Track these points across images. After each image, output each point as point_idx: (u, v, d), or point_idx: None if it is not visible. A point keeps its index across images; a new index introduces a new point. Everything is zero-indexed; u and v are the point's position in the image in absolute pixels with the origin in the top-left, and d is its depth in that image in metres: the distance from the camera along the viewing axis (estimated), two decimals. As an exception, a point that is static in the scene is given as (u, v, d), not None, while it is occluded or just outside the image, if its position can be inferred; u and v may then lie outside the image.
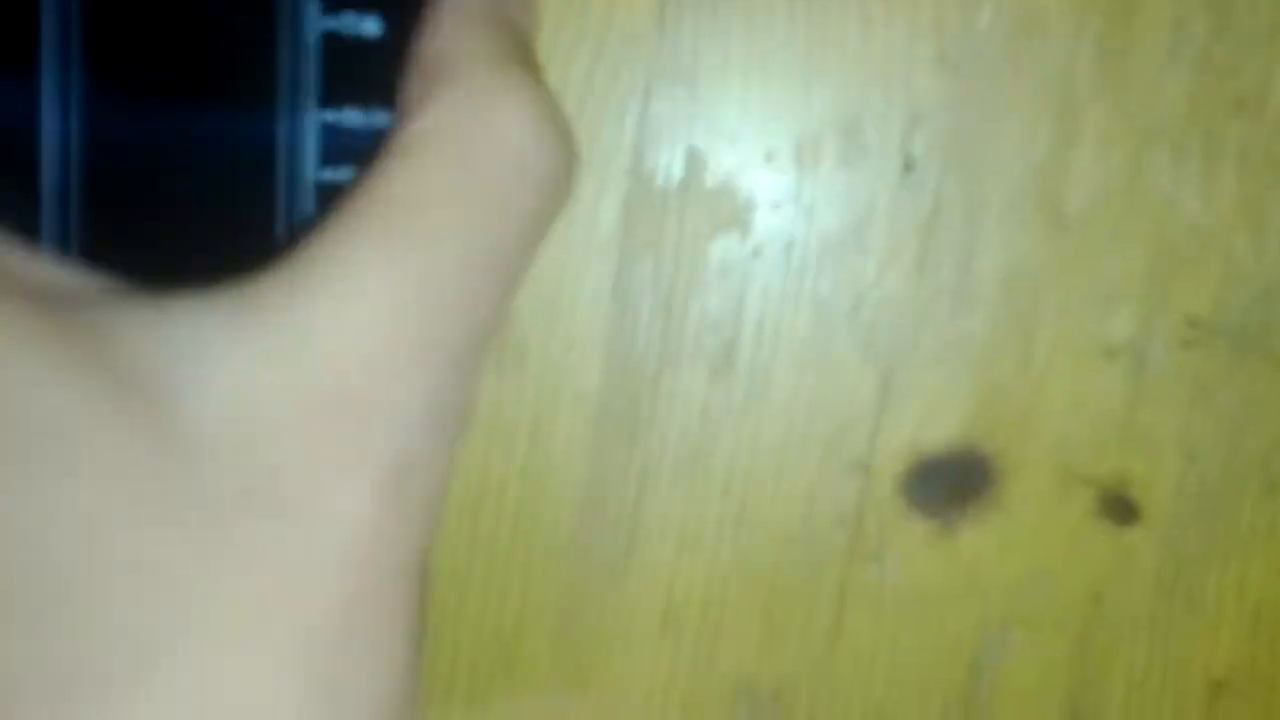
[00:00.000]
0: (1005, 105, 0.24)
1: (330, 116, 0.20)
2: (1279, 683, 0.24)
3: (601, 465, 0.24)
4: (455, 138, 0.16)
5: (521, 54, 0.18)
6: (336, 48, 0.20)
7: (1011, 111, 0.24)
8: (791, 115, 0.24)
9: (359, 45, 0.20)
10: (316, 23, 0.20)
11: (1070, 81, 0.24)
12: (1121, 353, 0.24)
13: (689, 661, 0.24)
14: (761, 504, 0.24)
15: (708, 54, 0.23)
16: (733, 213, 0.24)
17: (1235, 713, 0.24)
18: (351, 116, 0.20)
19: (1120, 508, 0.24)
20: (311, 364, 0.15)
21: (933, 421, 0.24)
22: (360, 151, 0.20)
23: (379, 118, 0.20)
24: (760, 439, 0.24)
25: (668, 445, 0.24)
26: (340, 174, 0.20)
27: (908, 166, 0.24)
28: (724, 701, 0.24)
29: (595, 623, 0.24)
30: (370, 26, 0.20)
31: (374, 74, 0.20)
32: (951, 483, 0.24)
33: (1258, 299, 0.23)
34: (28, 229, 0.20)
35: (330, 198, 0.20)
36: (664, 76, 0.23)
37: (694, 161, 0.24)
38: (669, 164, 0.23)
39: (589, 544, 0.24)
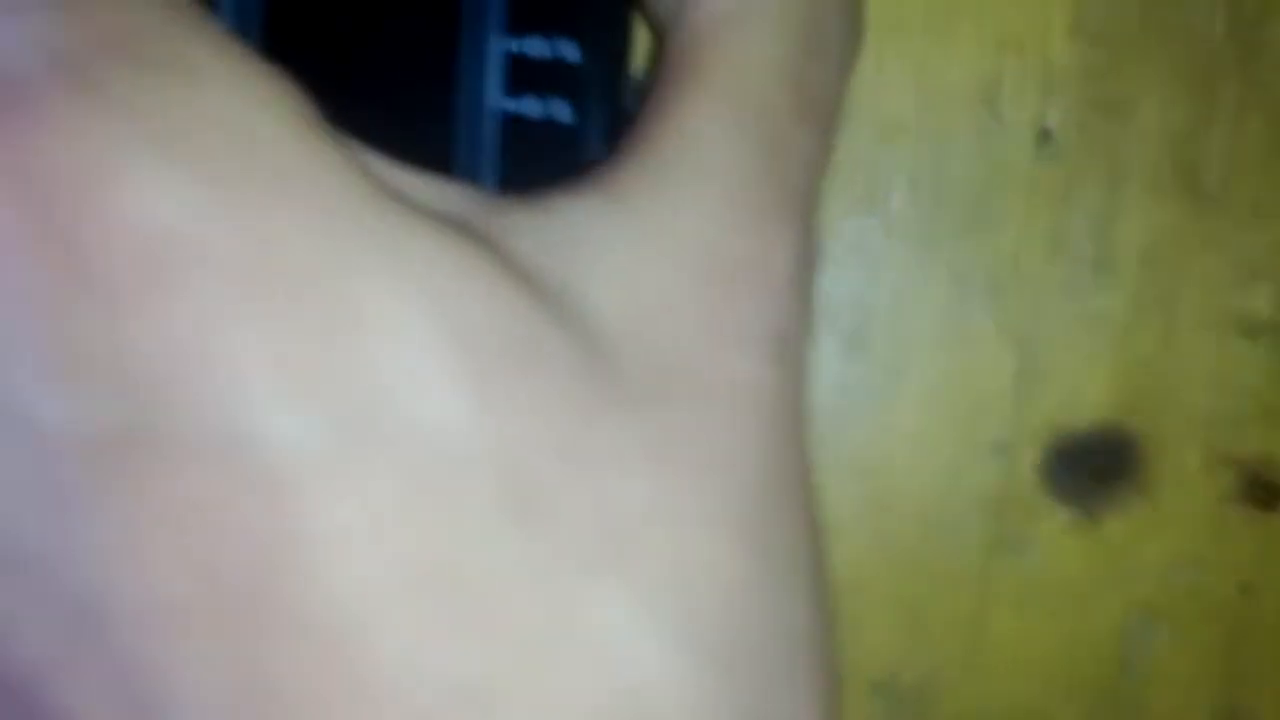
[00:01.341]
0: (1142, 75, 0.24)
1: (514, 45, 0.21)
2: None
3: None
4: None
5: None
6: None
7: (1148, 82, 0.24)
8: (924, 87, 0.24)
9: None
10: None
11: (1208, 51, 0.24)
12: (1264, 330, 0.24)
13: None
14: (900, 486, 0.24)
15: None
16: (865, 187, 0.24)
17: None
18: (535, 45, 0.21)
19: (1263, 491, 0.24)
20: (687, 243, 0.16)
21: (1074, 400, 0.24)
22: (543, 81, 0.21)
23: (562, 46, 0.21)
24: (897, 418, 0.24)
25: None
26: (522, 105, 0.21)
27: (1043, 138, 0.24)
28: (861, 694, 0.24)
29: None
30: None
31: (559, 4, 0.21)
32: (1093, 465, 0.24)
33: None
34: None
35: (512, 126, 0.20)
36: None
37: (824, 134, 0.23)
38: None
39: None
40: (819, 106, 0.18)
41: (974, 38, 0.24)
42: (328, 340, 0.14)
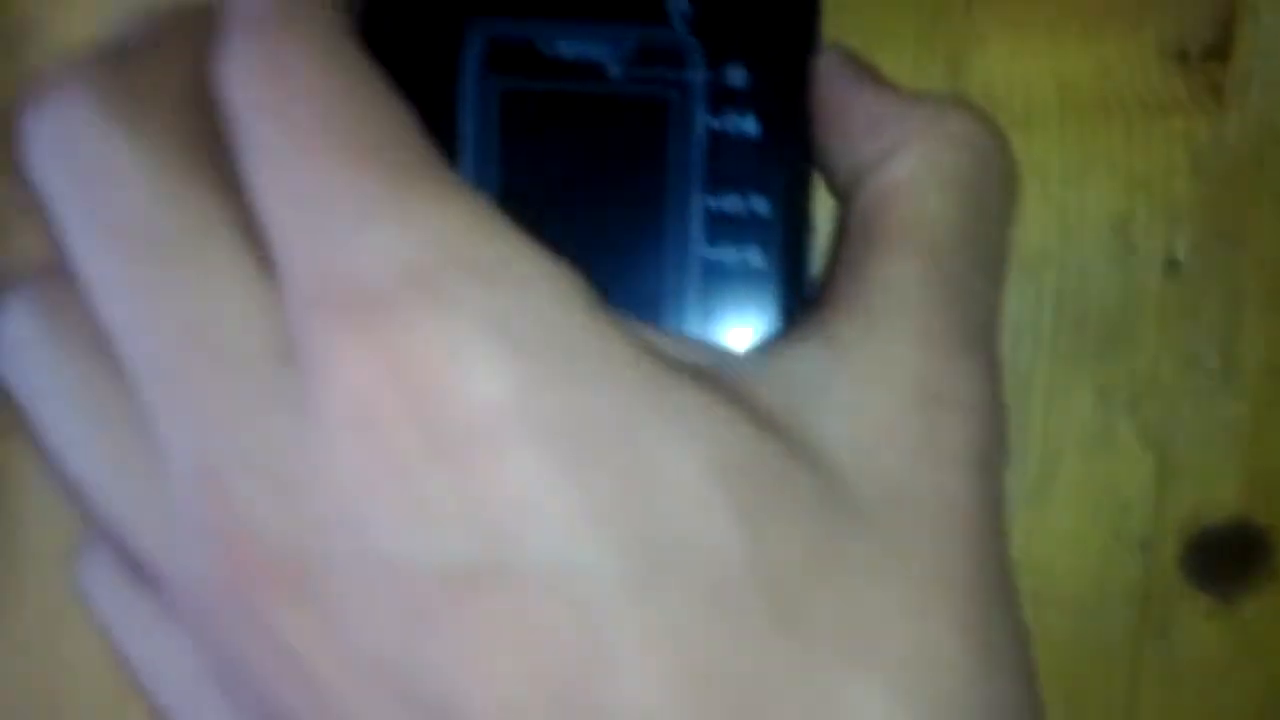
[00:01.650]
0: (1255, 208, 0.27)
1: (712, 202, 0.24)
2: None
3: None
4: (933, 166, 0.20)
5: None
6: (720, 143, 0.24)
7: (1260, 213, 0.27)
8: (1065, 223, 0.27)
9: (739, 141, 0.24)
10: (703, 123, 0.24)
11: (1314, 186, 0.27)
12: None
13: None
14: (1055, 580, 0.27)
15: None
16: (1017, 312, 0.27)
17: None
18: (731, 201, 0.24)
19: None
20: (898, 379, 0.19)
21: (1208, 498, 0.27)
22: (738, 233, 0.24)
23: (755, 202, 0.24)
24: (1051, 518, 0.27)
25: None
26: (721, 253, 0.24)
27: (1171, 265, 0.27)
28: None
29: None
30: (749, 126, 0.24)
31: (752, 166, 0.24)
32: (1229, 557, 0.27)
33: None
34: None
35: (712, 271, 0.23)
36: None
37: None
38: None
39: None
40: (992, 255, 0.21)
41: (1108, 179, 0.27)
42: (628, 485, 0.17)
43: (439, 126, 0.24)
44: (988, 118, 0.21)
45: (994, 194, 0.22)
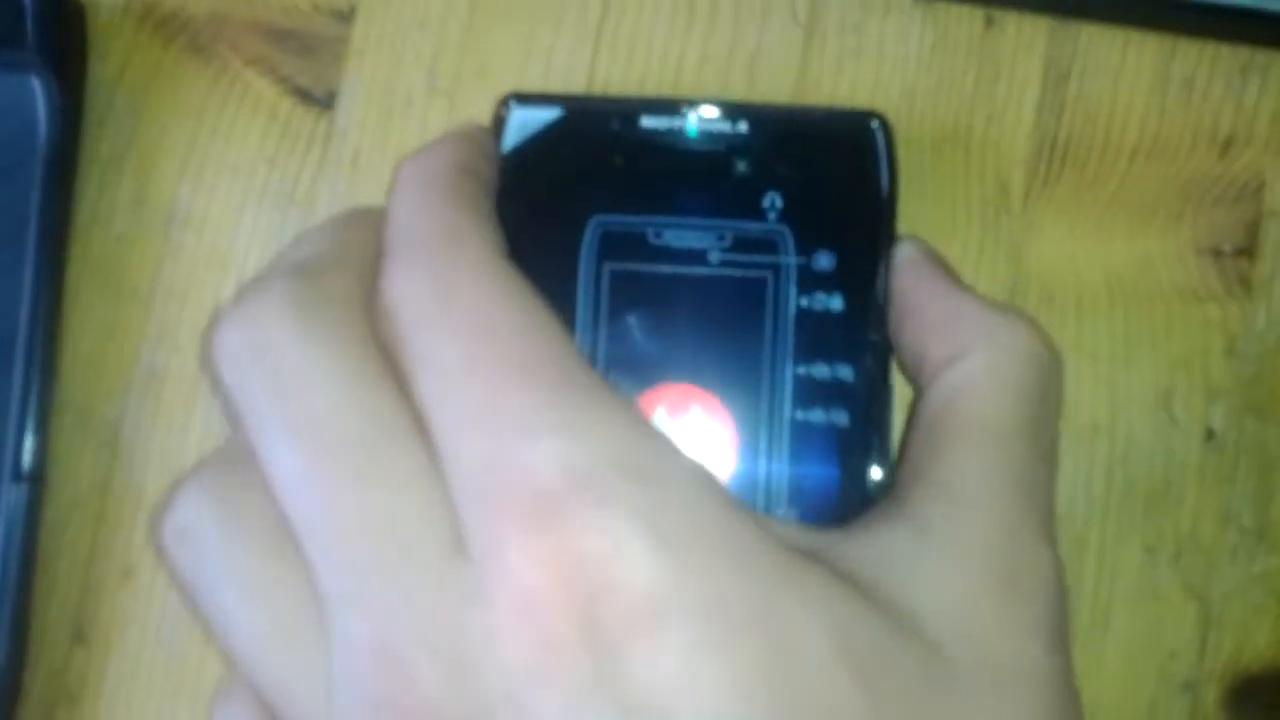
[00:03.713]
0: (1283, 386, 0.31)
1: (802, 370, 0.28)
2: None
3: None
4: (1000, 373, 0.24)
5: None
6: (809, 319, 0.28)
7: (1289, 390, 0.31)
8: (1114, 397, 0.31)
9: (826, 316, 0.29)
10: (794, 301, 0.29)
11: (1335, 366, 0.31)
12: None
13: None
14: (1106, 719, 0.30)
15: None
16: (1070, 477, 0.31)
17: None
18: (819, 369, 0.28)
19: None
20: (979, 558, 0.22)
21: (1246, 646, 0.31)
22: (826, 397, 0.28)
23: (840, 369, 0.28)
24: (1104, 664, 0.31)
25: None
26: (810, 415, 0.28)
27: (1209, 435, 0.31)
28: None
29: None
30: (835, 303, 0.29)
31: (837, 339, 0.28)
32: (1265, 699, 0.30)
33: None
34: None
35: (804, 433, 0.27)
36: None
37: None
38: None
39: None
40: (1050, 446, 0.25)
41: (1151, 359, 0.31)
42: (770, 659, 0.20)
43: (558, 303, 0.29)
44: (1042, 331, 0.25)
45: (1049, 396, 0.25)
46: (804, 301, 0.30)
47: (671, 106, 0.30)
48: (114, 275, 0.31)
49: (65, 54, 0.31)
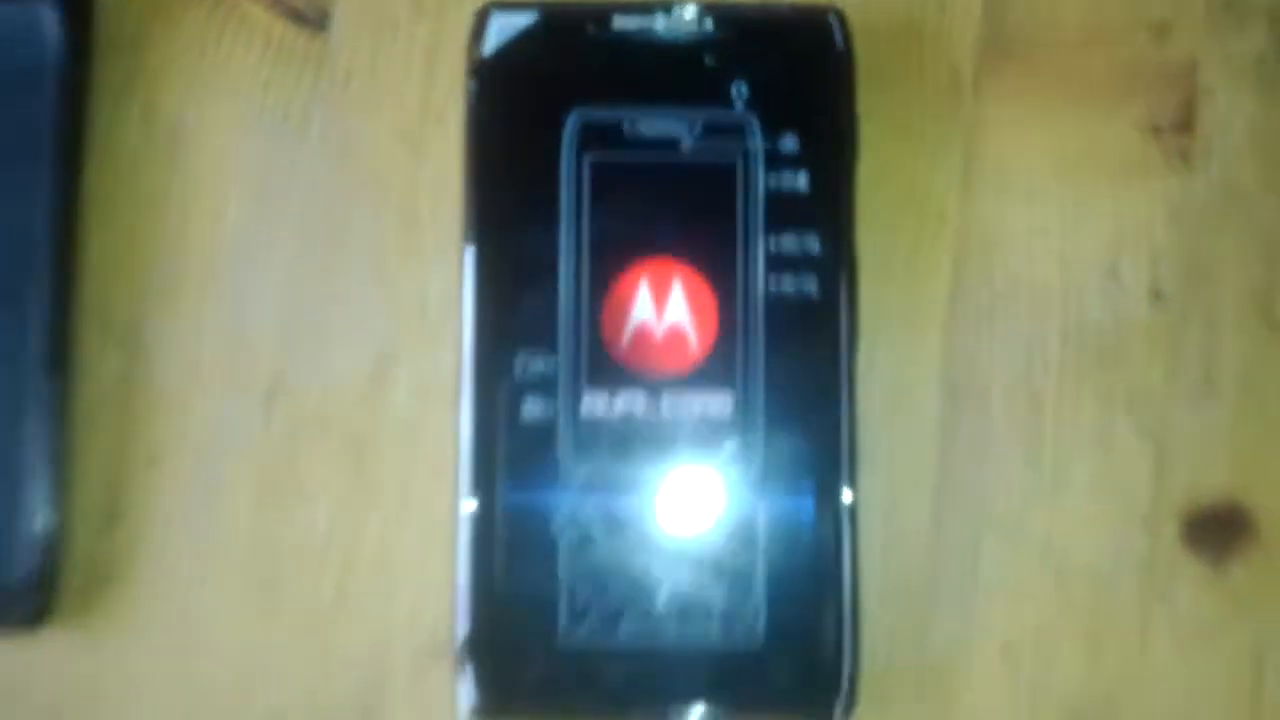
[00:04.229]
0: (1220, 246, 0.34)
1: (773, 244, 0.31)
2: None
3: (927, 535, 0.33)
4: None
5: None
6: (777, 198, 0.31)
7: (1225, 250, 0.34)
8: (1063, 265, 0.34)
9: (794, 195, 0.31)
10: (763, 181, 0.31)
11: (1267, 226, 0.34)
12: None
13: (1026, 686, 0.33)
14: (1075, 557, 0.33)
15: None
16: (1026, 340, 0.34)
17: None
18: (789, 243, 0.31)
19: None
20: None
21: (1199, 484, 0.33)
22: (795, 267, 0.31)
23: (809, 243, 0.30)
24: (1069, 508, 0.33)
25: (995, 517, 0.33)
26: (782, 285, 0.31)
27: (1156, 296, 0.34)
28: (1054, 713, 0.32)
29: (946, 656, 0.33)
30: (802, 182, 0.31)
31: (804, 215, 0.31)
32: (1220, 530, 0.33)
33: None
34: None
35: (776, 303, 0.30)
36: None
37: (995, 299, 0.33)
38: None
39: (920, 601, 0.33)
40: None
41: (1098, 231, 0.34)
42: None
43: (542, 194, 0.32)
44: None
45: None
46: (772, 181, 0.32)
47: (641, 7, 0.33)
48: (127, 189, 0.34)
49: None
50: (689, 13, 0.33)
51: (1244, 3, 0.35)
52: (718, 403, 0.32)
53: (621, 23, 0.33)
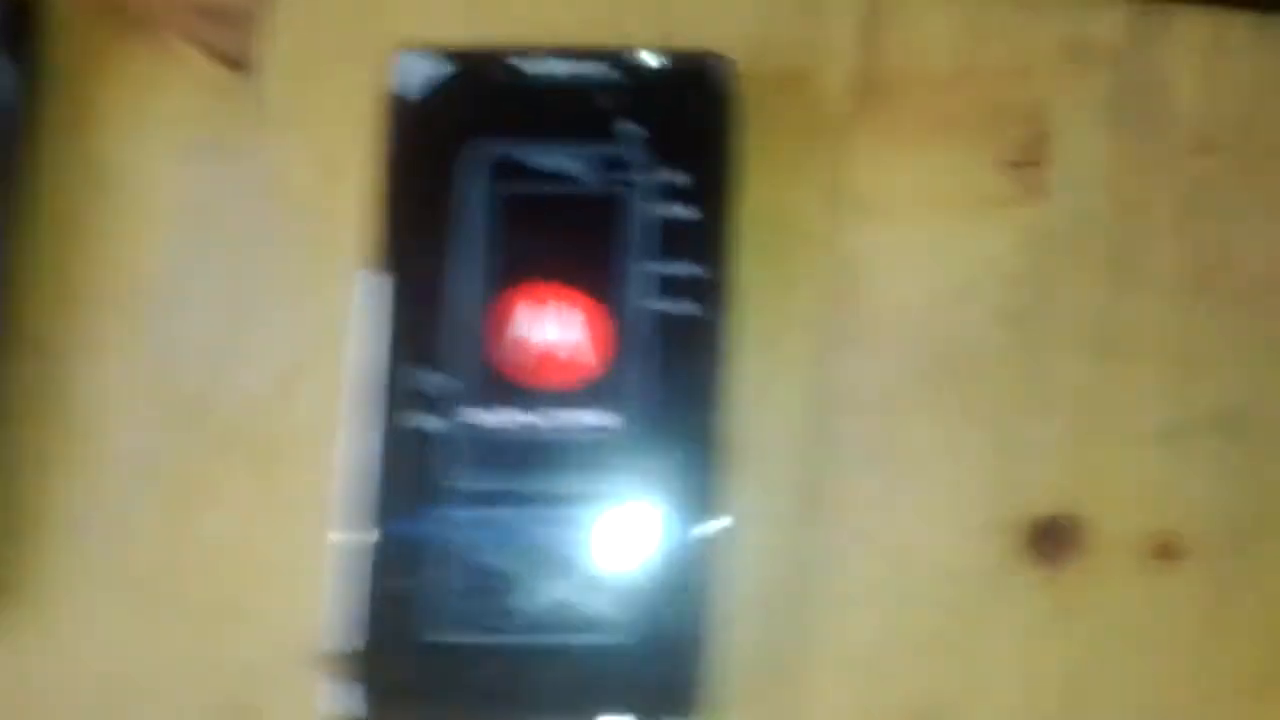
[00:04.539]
0: (1070, 270, 0.37)
1: (659, 268, 0.34)
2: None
3: (791, 544, 0.36)
4: None
5: None
6: (664, 226, 0.34)
7: (1074, 275, 0.37)
8: (932, 286, 0.37)
9: (679, 223, 0.35)
10: (652, 211, 0.34)
11: (1107, 255, 0.37)
12: (1162, 439, 0.36)
13: (865, 688, 0.36)
14: (923, 566, 0.36)
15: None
16: (892, 345, 0.37)
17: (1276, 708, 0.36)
18: (675, 268, 0.34)
19: (1172, 551, 0.36)
20: None
21: (1040, 496, 0.36)
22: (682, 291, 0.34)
23: (693, 268, 0.34)
24: (918, 512, 0.36)
25: (854, 527, 0.36)
26: (670, 306, 0.34)
27: (1007, 317, 0.37)
28: (899, 715, 0.36)
29: (800, 661, 0.36)
30: (688, 213, 0.34)
31: (691, 242, 0.35)
32: (1056, 540, 0.36)
33: (1249, 394, 0.37)
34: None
35: (664, 320, 0.33)
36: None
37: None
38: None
39: (781, 608, 0.36)
40: None
41: (958, 254, 0.37)
42: None
43: (445, 221, 0.35)
44: None
45: None
46: (659, 211, 0.36)
47: (545, 52, 0.36)
48: (56, 214, 0.37)
49: (17, 30, 0.37)
50: (586, 59, 0.36)
51: (1091, 51, 0.38)
52: (597, 419, 0.35)
53: (525, 66, 0.36)
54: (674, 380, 0.35)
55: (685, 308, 0.35)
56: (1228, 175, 0.37)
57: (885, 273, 0.37)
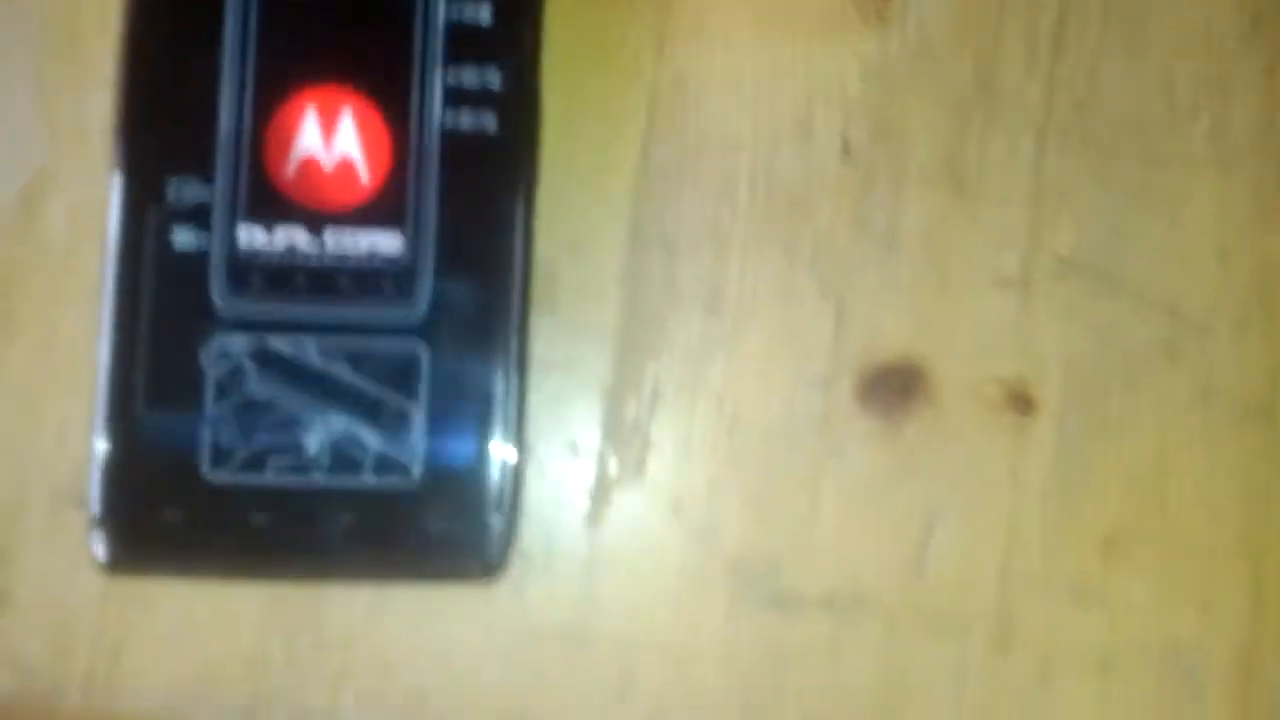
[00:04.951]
0: (909, 103, 0.34)
1: (451, 77, 0.30)
2: (1159, 536, 0.33)
3: (606, 395, 0.32)
4: None
5: None
6: (458, 29, 0.30)
7: (914, 107, 0.34)
8: (755, 116, 0.33)
9: (475, 27, 0.30)
10: (444, 10, 0.30)
11: (959, 89, 0.34)
12: (1012, 285, 0.33)
13: (695, 542, 0.32)
14: (750, 411, 0.33)
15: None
16: (719, 186, 0.33)
17: (1127, 564, 0.33)
18: (468, 77, 0.30)
19: (1021, 402, 0.33)
20: None
21: (877, 342, 0.33)
22: (473, 102, 0.30)
23: (489, 77, 0.29)
24: (746, 361, 0.33)
25: (673, 369, 0.32)
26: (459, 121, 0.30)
27: (845, 149, 0.33)
28: (725, 572, 0.32)
29: (617, 513, 0.32)
30: (484, 15, 0.30)
31: (485, 48, 0.29)
32: (893, 389, 0.33)
33: (1106, 240, 0.33)
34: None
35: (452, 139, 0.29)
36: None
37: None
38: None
39: (592, 462, 0.32)
40: None
41: (793, 84, 0.34)
42: None
43: (206, 16, 0.30)
44: None
45: None
46: (453, 12, 0.31)
47: None
48: None
49: None
50: None
51: None
52: (385, 241, 0.30)
53: None
54: (467, 204, 0.31)
55: (479, 122, 0.31)
56: (1093, 10, 0.34)
57: (714, 102, 0.33)
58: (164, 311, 0.30)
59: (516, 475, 0.30)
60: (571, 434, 0.32)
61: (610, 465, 0.32)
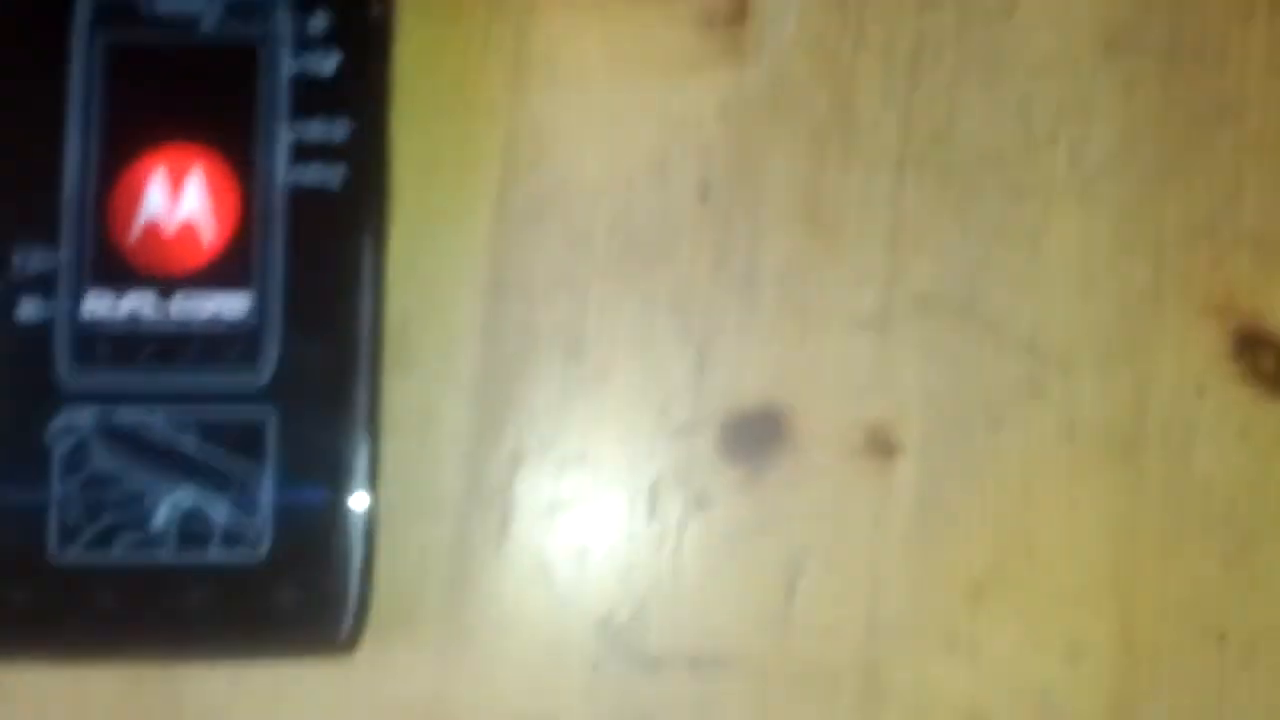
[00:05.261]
0: (769, 141, 0.33)
1: (296, 131, 0.29)
2: (1026, 579, 0.33)
3: (463, 452, 0.32)
4: None
5: None
6: (302, 81, 0.29)
7: (774, 145, 0.33)
8: (612, 159, 0.33)
9: (319, 79, 0.29)
10: (287, 64, 0.29)
11: (815, 122, 0.33)
12: (871, 323, 0.33)
13: (560, 602, 0.32)
14: (611, 466, 0.32)
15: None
16: (579, 231, 0.32)
17: (995, 609, 0.33)
18: (314, 130, 0.29)
19: (884, 445, 0.33)
20: None
21: (738, 387, 0.33)
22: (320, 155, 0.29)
23: (336, 130, 0.29)
24: (607, 414, 0.32)
25: (533, 421, 0.32)
26: (304, 175, 0.29)
27: (703, 191, 0.33)
28: (588, 630, 0.32)
29: (478, 572, 0.32)
30: (329, 65, 0.29)
31: (332, 98, 0.29)
32: (756, 436, 0.32)
33: (966, 275, 0.33)
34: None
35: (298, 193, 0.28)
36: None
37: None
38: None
39: (469, 514, 0.32)
40: None
41: (648, 123, 0.33)
42: None
43: (49, 75, 0.29)
44: None
45: None
46: (298, 64, 0.31)
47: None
48: None
49: None
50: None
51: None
52: (230, 303, 0.30)
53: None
54: (315, 260, 0.30)
55: (325, 176, 0.30)
56: (947, 37, 0.33)
57: (570, 145, 0.33)
58: (6, 389, 0.29)
59: (371, 543, 0.29)
60: (430, 496, 0.31)
61: (472, 527, 0.31)
